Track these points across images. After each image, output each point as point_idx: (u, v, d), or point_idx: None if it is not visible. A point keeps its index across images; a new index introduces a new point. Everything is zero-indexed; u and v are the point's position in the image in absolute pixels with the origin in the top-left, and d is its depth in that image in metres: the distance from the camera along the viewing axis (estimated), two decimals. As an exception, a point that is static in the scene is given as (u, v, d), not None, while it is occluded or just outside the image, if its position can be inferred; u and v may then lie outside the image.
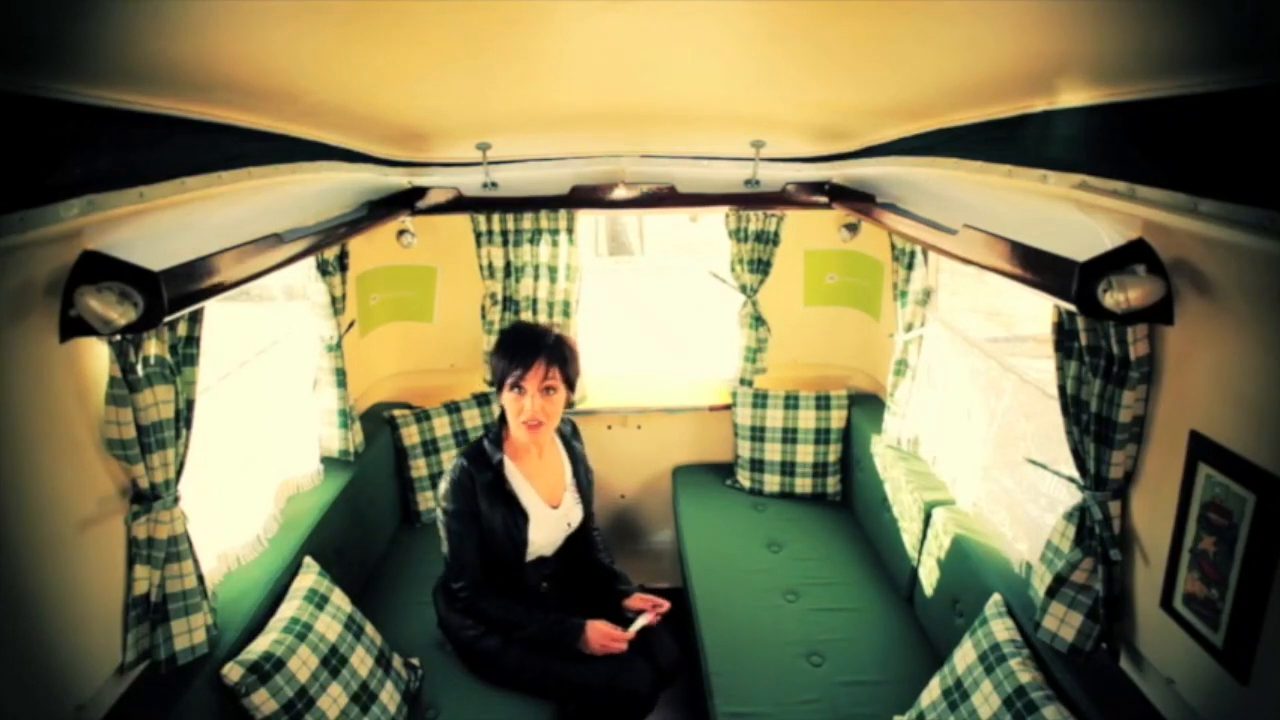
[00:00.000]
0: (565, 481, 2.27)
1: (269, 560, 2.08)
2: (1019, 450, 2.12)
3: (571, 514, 2.26)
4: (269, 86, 1.38)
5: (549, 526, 2.19)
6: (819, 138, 2.49)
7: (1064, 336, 1.60)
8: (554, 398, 2.06)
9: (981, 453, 2.33)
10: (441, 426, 3.03)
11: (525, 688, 2.11)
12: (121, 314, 1.22)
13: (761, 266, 3.12)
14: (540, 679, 2.10)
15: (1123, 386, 1.45)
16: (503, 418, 2.13)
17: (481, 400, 3.13)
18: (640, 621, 2.13)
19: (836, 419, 3.13)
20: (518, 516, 2.11)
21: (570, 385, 2.11)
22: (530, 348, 2.02)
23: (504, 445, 2.13)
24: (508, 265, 3.05)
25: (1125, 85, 1.14)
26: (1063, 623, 1.66)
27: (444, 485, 2.08)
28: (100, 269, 1.25)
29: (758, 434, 3.18)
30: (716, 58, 1.46)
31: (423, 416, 3.02)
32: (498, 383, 2.07)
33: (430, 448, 3.00)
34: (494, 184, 2.67)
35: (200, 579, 1.66)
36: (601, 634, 2.07)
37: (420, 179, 2.68)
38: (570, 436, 2.37)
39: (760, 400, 3.18)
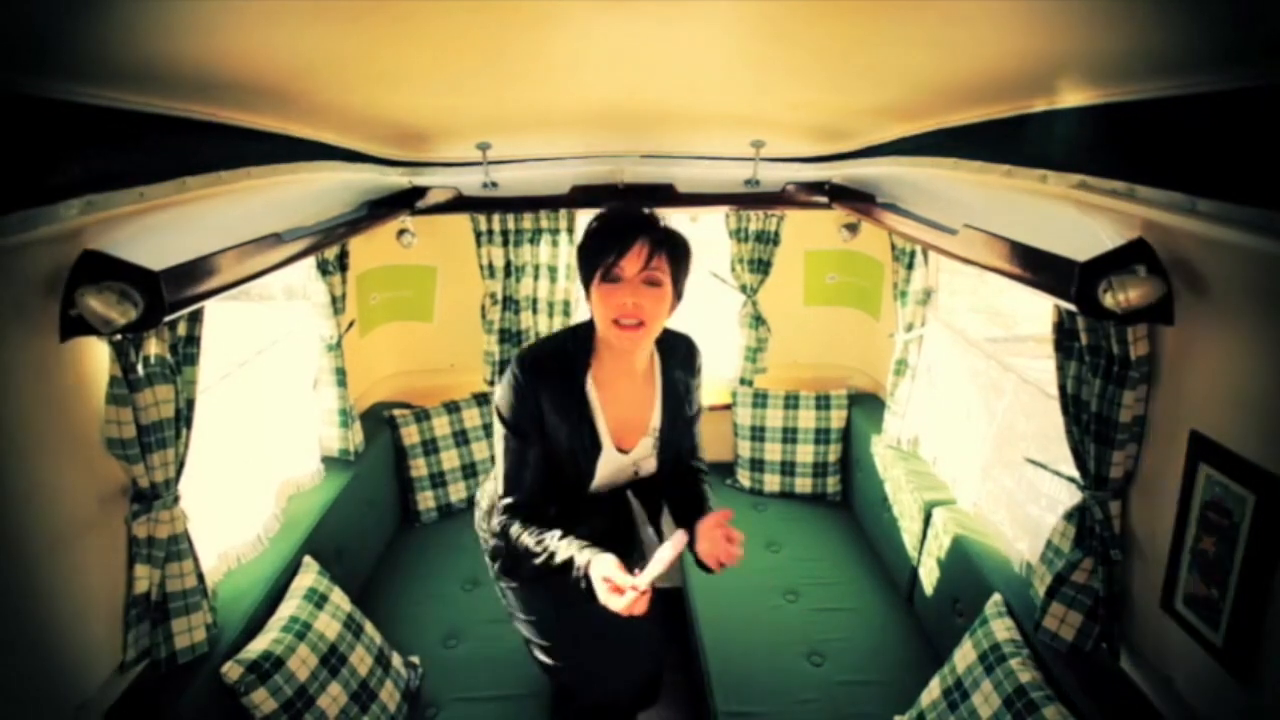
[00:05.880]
0: (649, 425, 1.73)
1: (269, 559, 2.08)
2: (1019, 450, 2.12)
3: (643, 465, 1.76)
4: (269, 86, 1.38)
5: (610, 470, 1.72)
6: (819, 138, 2.49)
7: (1064, 336, 1.60)
8: (658, 293, 1.54)
9: (981, 453, 2.33)
10: (441, 426, 3.03)
11: (549, 635, 1.86)
12: (122, 313, 1.22)
13: (761, 266, 3.12)
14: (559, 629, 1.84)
15: (1123, 386, 1.45)
16: (591, 324, 1.64)
17: (481, 400, 3.13)
18: (651, 569, 1.41)
19: (836, 419, 3.13)
20: (589, 442, 1.65)
21: (678, 290, 1.61)
22: (629, 228, 1.54)
23: (591, 355, 1.66)
24: (508, 265, 3.05)
25: (1125, 85, 1.14)
26: (1063, 622, 1.66)
27: (501, 391, 1.64)
28: (100, 269, 1.25)
29: (758, 434, 3.18)
30: (716, 58, 1.46)
31: (422, 416, 3.02)
32: (586, 279, 1.59)
33: (430, 447, 3.00)
34: (494, 184, 2.66)
35: (200, 578, 1.67)
36: (607, 590, 1.46)
37: (420, 179, 2.68)
38: (677, 360, 1.76)
39: (760, 400, 3.18)
